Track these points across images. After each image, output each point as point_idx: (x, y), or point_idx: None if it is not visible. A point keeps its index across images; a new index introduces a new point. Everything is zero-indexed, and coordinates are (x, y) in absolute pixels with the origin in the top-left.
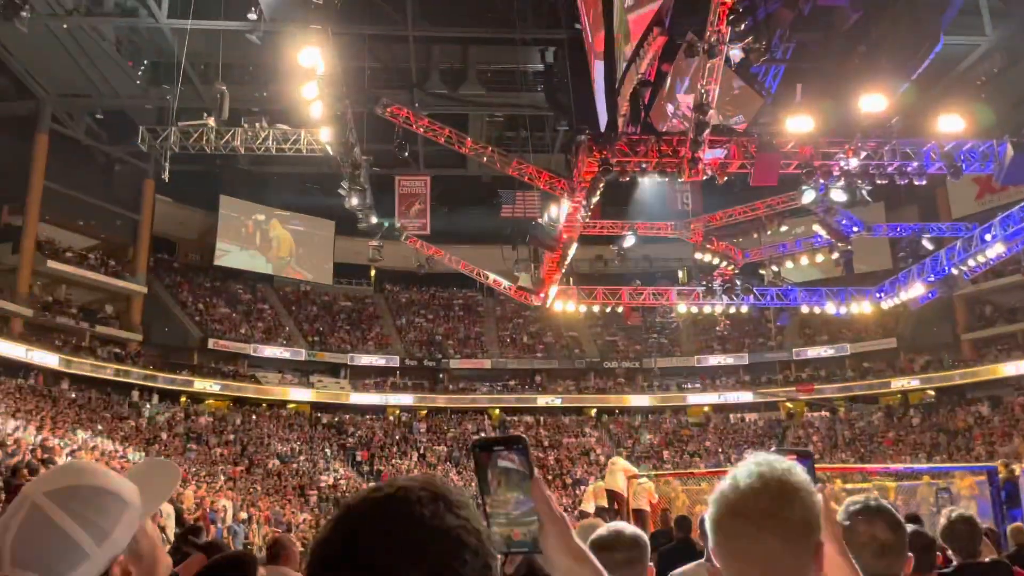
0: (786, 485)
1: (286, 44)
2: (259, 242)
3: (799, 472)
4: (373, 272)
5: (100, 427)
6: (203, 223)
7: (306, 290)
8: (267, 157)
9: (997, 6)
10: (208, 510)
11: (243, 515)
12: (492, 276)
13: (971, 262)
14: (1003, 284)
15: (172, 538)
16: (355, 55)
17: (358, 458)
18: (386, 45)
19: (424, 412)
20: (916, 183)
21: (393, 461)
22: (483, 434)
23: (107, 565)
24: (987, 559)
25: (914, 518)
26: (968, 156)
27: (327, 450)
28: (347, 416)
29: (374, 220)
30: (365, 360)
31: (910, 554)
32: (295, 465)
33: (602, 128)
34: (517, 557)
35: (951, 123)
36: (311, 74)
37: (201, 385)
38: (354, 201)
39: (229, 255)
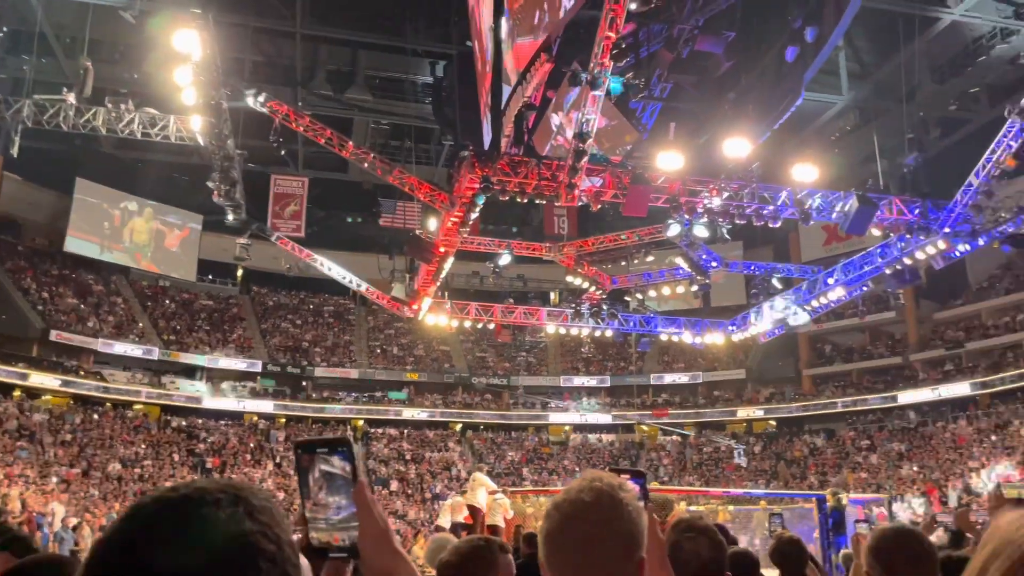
0: (616, 500)
1: (162, 25)
2: (117, 231)
3: (629, 489)
4: (240, 272)
5: None
6: (55, 206)
7: (165, 285)
8: (133, 142)
9: (855, 69)
10: (35, 514)
11: (73, 521)
12: (365, 284)
13: (814, 303)
14: (842, 326)
15: None
16: (237, 46)
17: (208, 465)
18: (271, 39)
19: (284, 420)
20: (771, 225)
21: (246, 470)
22: None
23: None
24: None
25: (731, 541)
26: (818, 205)
27: (175, 456)
28: (199, 421)
29: (243, 217)
30: (224, 363)
31: (728, 573)
32: (138, 470)
33: (486, 146)
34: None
35: (805, 172)
36: (186, 59)
37: (39, 379)
38: (223, 195)
39: (82, 242)
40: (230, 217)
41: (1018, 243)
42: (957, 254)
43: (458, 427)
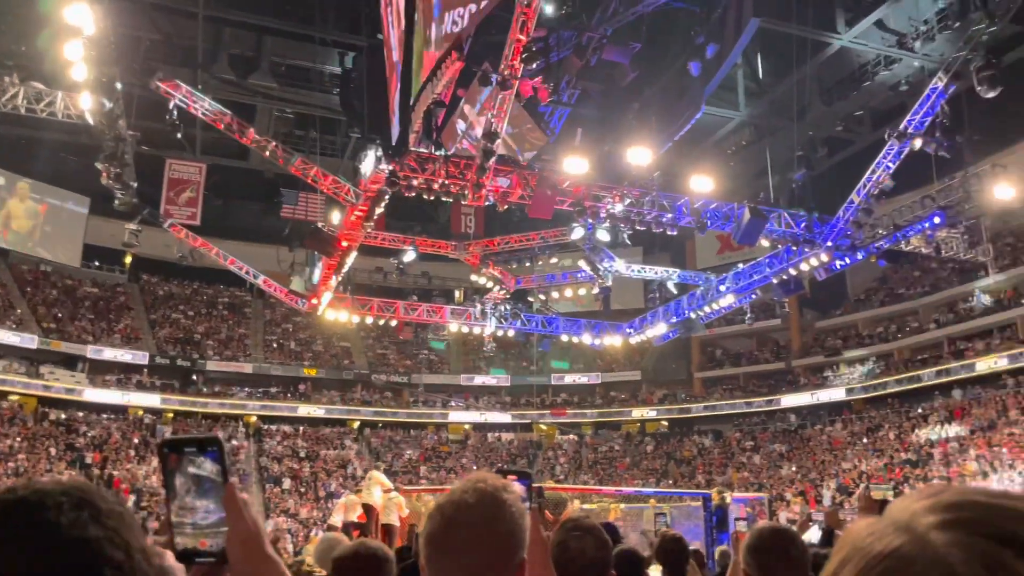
0: (499, 501)
1: None
2: None
3: (513, 490)
4: (129, 259)
5: None
6: None
7: (47, 270)
8: (15, 117)
9: (751, 86)
10: None
11: None
12: (262, 276)
13: (707, 308)
14: (732, 331)
15: None
16: (134, 23)
17: (88, 460)
18: (171, 18)
19: (171, 415)
20: (669, 233)
21: (128, 466)
22: (234, 442)
23: None
24: None
25: (617, 539)
26: (713, 215)
27: (52, 450)
28: (80, 414)
29: (133, 201)
30: (108, 354)
31: (613, 572)
32: (12, 464)
33: (393, 141)
34: None
35: (702, 184)
36: (77, 33)
37: None
38: (112, 178)
39: None
40: (118, 200)
41: (893, 258)
42: (838, 266)
43: (356, 424)
